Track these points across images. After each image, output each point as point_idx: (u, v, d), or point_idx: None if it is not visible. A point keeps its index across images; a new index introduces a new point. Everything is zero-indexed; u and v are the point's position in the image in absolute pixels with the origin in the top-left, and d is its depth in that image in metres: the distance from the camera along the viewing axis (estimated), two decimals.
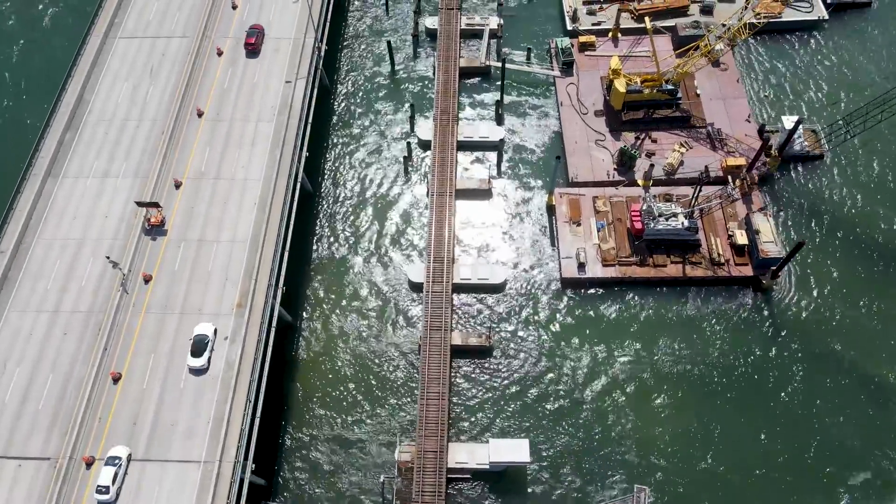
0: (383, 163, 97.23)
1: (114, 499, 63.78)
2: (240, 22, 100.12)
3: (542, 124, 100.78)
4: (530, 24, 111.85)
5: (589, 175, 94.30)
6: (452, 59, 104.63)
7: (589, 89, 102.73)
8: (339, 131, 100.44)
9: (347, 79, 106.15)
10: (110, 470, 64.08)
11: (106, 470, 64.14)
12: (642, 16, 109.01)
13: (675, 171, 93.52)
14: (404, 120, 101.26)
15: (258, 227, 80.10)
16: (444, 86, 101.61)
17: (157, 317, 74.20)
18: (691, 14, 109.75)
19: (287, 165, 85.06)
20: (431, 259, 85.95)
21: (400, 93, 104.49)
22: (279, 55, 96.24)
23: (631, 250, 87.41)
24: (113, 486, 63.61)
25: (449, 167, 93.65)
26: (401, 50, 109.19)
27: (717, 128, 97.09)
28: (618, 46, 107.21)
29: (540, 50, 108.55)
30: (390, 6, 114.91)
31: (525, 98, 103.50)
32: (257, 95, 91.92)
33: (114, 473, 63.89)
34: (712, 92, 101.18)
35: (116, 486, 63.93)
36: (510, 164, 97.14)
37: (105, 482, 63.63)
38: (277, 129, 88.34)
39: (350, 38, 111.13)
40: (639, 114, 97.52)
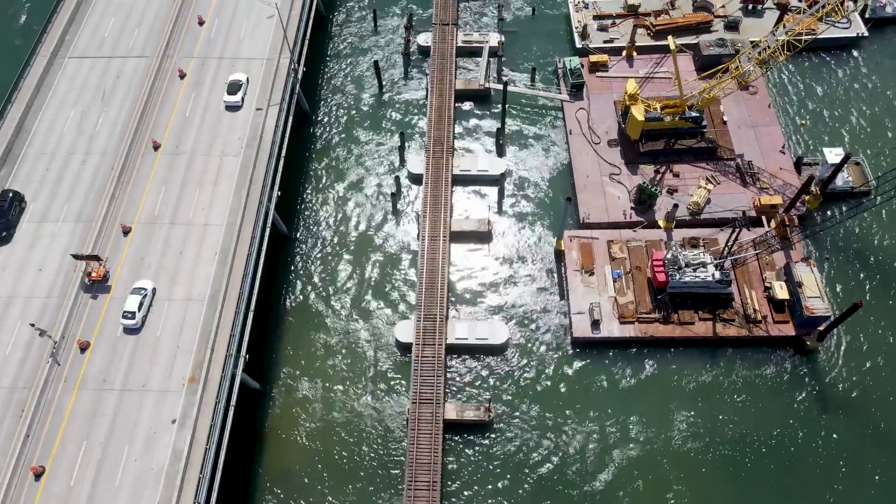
0: (368, 200, 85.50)
1: (139, 324, 65.87)
2: (207, 40, 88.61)
3: (548, 156, 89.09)
4: (535, 42, 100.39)
5: (602, 215, 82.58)
6: (448, 80, 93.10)
7: (601, 115, 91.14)
8: (318, 163, 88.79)
9: (329, 103, 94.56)
10: (136, 298, 66.52)
11: (132, 298, 66.55)
12: (660, 33, 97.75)
13: (701, 211, 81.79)
14: (393, 150, 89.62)
15: (218, 283, 68.24)
16: (438, 112, 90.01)
17: (92, 394, 62.24)
18: (715, 30, 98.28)
19: (254, 208, 73.22)
20: (422, 316, 74.16)
21: (388, 119, 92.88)
22: (251, 77, 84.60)
23: (652, 305, 75.55)
24: (139, 313, 65.86)
25: (443, 206, 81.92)
26: (390, 71, 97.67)
27: (748, 160, 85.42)
28: (633, 67, 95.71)
29: (546, 71, 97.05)
30: (379, 21, 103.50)
31: (529, 125, 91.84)
32: (223, 125, 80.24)
33: (139, 301, 66.31)
34: (741, 119, 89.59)
35: (142, 314, 66.19)
36: (513, 201, 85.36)
37: (131, 308, 65.99)
38: (245, 164, 76.61)
39: (333, 57, 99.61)
40: (658, 144, 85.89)
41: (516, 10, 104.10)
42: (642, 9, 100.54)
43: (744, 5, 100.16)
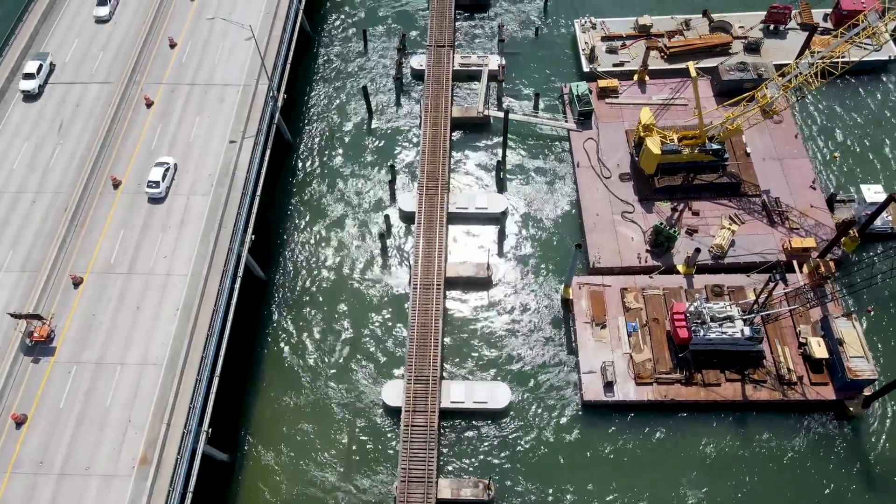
0: (354, 241, 77.10)
1: (164, 194, 68.83)
2: (178, 64, 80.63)
3: (554, 191, 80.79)
4: (538, 65, 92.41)
5: (615, 258, 74.16)
6: (443, 108, 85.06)
7: (612, 146, 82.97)
8: (299, 198, 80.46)
9: (313, 132, 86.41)
10: (159, 169, 69.23)
11: (155, 169, 69.36)
12: (675, 55, 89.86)
13: (724, 254, 73.43)
14: (382, 185, 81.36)
15: (179, 344, 59.68)
16: (432, 142, 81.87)
17: (25, 480, 53.50)
18: (734, 53, 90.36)
19: (224, 255, 64.85)
20: (413, 377, 65.55)
21: (378, 151, 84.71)
22: (224, 107, 76.57)
23: (673, 364, 66.92)
24: (163, 183, 68.61)
25: (437, 249, 73.55)
26: (380, 96, 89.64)
27: (775, 197, 77.14)
28: (646, 92, 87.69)
29: (550, 97, 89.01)
30: (369, 43, 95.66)
31: (533, 157, 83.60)
32: (192, 159, 72.04)
33: (163, 172, 68.95)
34: (765, 150, 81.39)
35: (166, 184, 68.91)
36: (515, 243, 76.94)
37: (155, 178, 68.60)
38: (215, 205, 68.28)
39: (318, 81, 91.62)
40: (676, 179, 77.60)
41: (518, 31, 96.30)
42: (654, 29, 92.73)
43: (765, 26, 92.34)
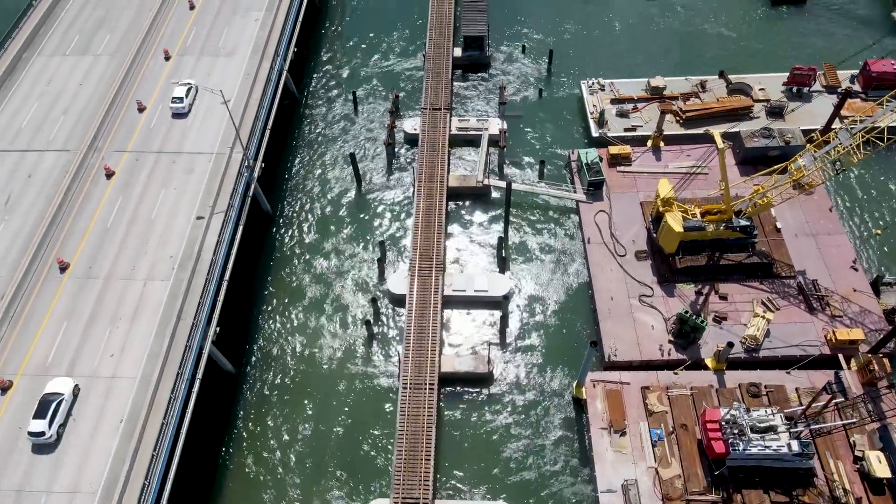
0: (337, 330, 67.88)
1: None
2: (146, 130, 73.12)
3: (562, 271, 72.08)
4: (543, 129, 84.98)
5: (633, 350, 64.90)
6: (439, 176, 77.16)
7: (626, 219, 74.68)
8: (276, 277, 71.72)
9: (294, 203, 78.25)
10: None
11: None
12: (691, 119, 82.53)
13: (759, 346, 64.28)
14: (370, 264, 72.74)
15: (119, 465, 49.80)
16: (427, 216, 73.63)
17: None
18: (756, 117, 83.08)
19: (180, 353, 55.62)
20: (401, 499, 55.40)
21: (366, 224, 76.38)
22: (193, 178, 68.57)
23: (707, 482, 56.80)
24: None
25: (431, 340, 64.36)
26: (370, 164, 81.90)
27: (812, 279, 68.42)
28: (661, 160, 79.99)
29: (557, 164, 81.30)
30: (359, 104, 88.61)
31: (538, 233, 75.17)
32: (153, 239, 63.59)
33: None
34: (797, 225, 73.07)
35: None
36: (519, 331, 67.79)
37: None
38: (175, 292, 59.43)
39: (303, 146, 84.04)
40: (700, 259, 68.99)
41: (520, 93, 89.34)
42: (668, 91, 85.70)
43: (787, 88, 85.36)
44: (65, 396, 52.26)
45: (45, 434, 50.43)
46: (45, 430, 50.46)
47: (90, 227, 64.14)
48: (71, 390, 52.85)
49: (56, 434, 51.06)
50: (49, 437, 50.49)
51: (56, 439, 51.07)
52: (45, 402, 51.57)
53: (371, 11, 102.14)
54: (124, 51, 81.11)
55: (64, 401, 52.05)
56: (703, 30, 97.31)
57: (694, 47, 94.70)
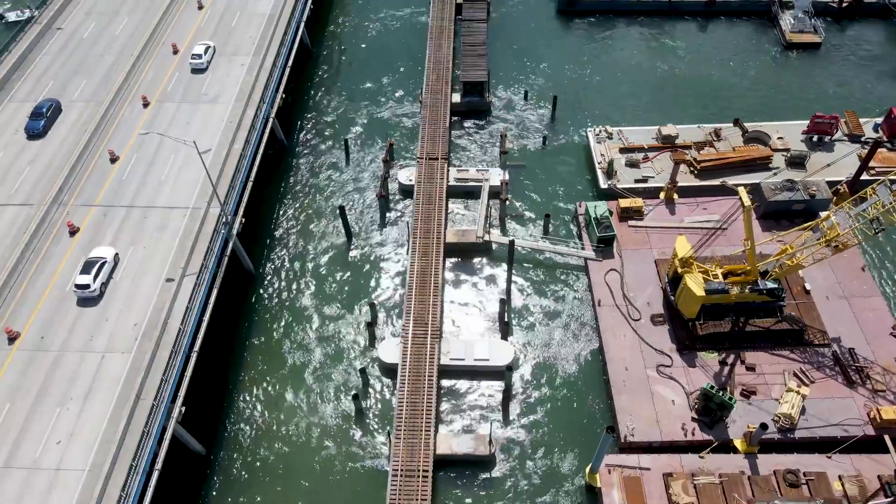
0: (322, 403, 60.80)
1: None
2: (117, 182, 67.29)
3: (571, 337, 65.40)
4: (547, 180, 79.31)
5: (652, 429, 57.76)
6: (435, 231, 71.13)
7: (639, 279, 68.37)
8: (257, 341, 65.03)
9: (278, 260, 72.04)
10: None
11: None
12: (706, 170, 76.98)
13: (795, 426, 57.24)
14: (359, 329, 66.13)
15: None
16: (422, 274, 67.31)
17: None
18: (775, 168, 77.54)
19: (137, 438, 48.57)
20: None
21: (356, 284, 70.04)
22: (165, 235, 62.45)
23: None
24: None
25: (425, 418, 57.29)
26: (361, 217, 75.90)
27: (849, 347, 61.79)
28: (675, 213, 74.12)
29: (563, 218, 75.40)
30: (351, 153, 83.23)
31: (543, 295, 68.65)
32: (116, 304, 57.13)
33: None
34: (828, 286, 66.73)
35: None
36: (523, 407, 60.74)
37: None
38: (136, 366, 52.66)
39: (289, 199, 78.19)
40: (723, 325, 62.41)
41: (523, 141, 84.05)
42: (680, 140, 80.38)
43: (807, 137, 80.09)
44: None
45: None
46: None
47: (46, 292, 57.71)
48: None
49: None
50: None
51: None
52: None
53: (366, 55, 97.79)
54: (100, 98, 75.93)
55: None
56: (711, 76, 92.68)
57: (704, 94, 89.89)
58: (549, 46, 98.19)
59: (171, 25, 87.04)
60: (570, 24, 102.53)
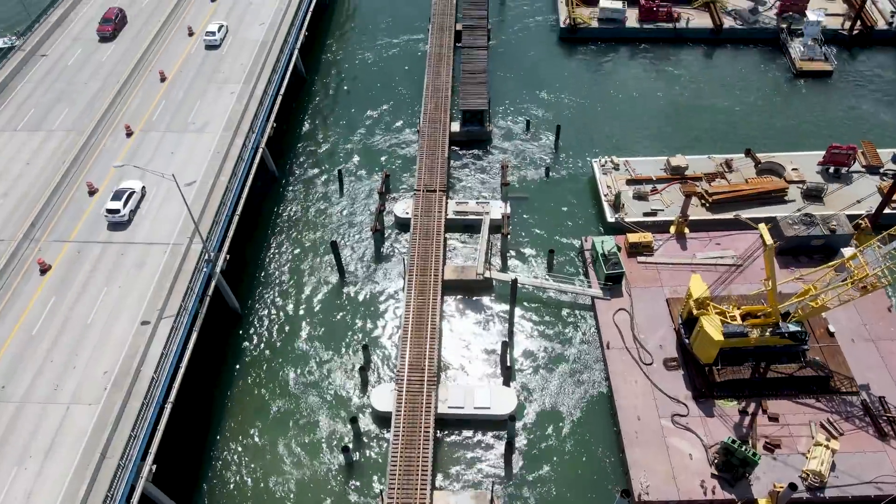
0: (307, 460, 55.75)
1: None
2: (94, 216, 63.32)
3: (579, 382, 60.84)
4: (551, 214, 75.37)
5: (668, 487, 52.87)
6: (433, 268, 66.97)
7: (651, 319, 64.02)
8: (240, 392, 60.38)
9: (266, 299, 67.74)
10: None
11: None
12: (719, 203, 73.16)
13: (824, 484, 52.45)
14: (351, 375, 61.58)
15: None
16: (419, 315, 62.92)
17: None
18: (791, 200, 73.72)
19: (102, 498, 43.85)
20: None
21: (348, 326, 65.59)
22: (143, 274, 58.25)
23: None
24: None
25: (420, 472, 52.52)
26: (355, 253, 71.84)
27: (878, 396, 57.19)
28: (687, 248, 70.10)
29: (568, 253, 71.32)
30: (345, 183, 79.49)
31: (548, 337, 64.07)
32: (86, 350, 52.60)
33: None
34: (853, 328, 62.32)
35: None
36: (528, 461, 55.86)
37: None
38: (104, 418, 48.01)
39: (279, 233, 74.14)
40: (743, 371, 57.87)
41: (525, 172, 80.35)
42: (690, 171, 76.69)
43: (823, 168, 76.41)
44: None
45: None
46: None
47: (11, 336, 53.28)
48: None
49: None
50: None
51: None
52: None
53: (362, 83, 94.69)
54: (81, 127, 72.39)
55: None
56: (719, 104, 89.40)
57: (713, 123, 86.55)
58: (551, 74, 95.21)
59: (159, 52, 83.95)
60: (573, 52, 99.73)
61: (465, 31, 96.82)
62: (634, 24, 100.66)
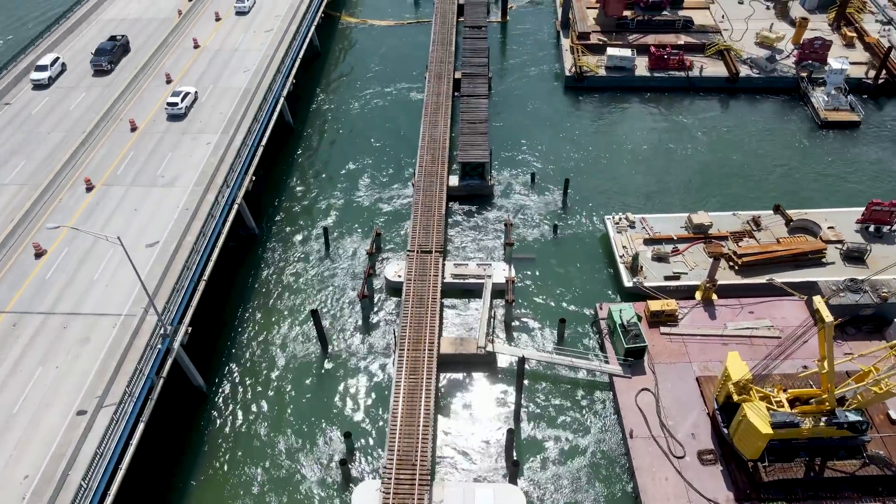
0: None
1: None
2: (38, 282, 54.99)
3: (597, 479, 51.49)
4: (560, 276, 67.25)
5: None
6: (427, 340, 58.42)
7: (680, 402, 55.09)
8: (199, 487, 51.15)
9: (236, 376, 58.87)
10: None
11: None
12: (749, 265, 65.18)
13: None
14: (330, 468, 52.36)
15: None
16: (410, 398, 54.04)
17: None
18: (830, 262, 65.77)
19: None
20: None
21: (329, 408, 56.51)
22: (86, 351, 49.67)
23: None
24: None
25: None
26: (340, 322, 63.41)
27: None
28: (716, 318, 61.78)
29: (581, 323, 62.94)
30: (331, 241, 71.75)
31: (559, 425, 54.84)
32: (6, 448, 43.69)
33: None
34: None
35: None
36: None
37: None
38: None
39: (256, 297, 65.76)
40: (794, 468, 48.66)
41: (530, 229, 72.68)
42: (714, 229, 68.99)
43: (862, 226, 68.79)
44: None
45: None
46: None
47: None
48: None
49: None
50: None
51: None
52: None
53: (353, 133, 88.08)
54: (38, 181, 65.13)
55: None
56: (738, 157, 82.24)
57: (733, 177, 79.33)
58: (557, 125, 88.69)
59: (132, 101, 77.54)
60: (579, 101, 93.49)
61: (464, 79, 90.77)
62: (644, 73, 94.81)
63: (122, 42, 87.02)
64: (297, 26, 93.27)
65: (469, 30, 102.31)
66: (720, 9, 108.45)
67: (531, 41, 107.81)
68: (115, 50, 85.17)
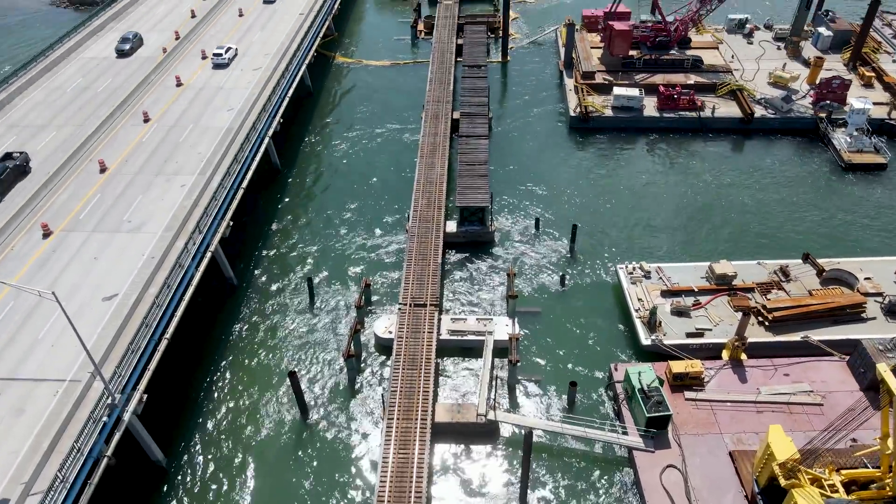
0: None
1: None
2: None
3: None
4: (570, 334, 60.22)
5: None
6: (420, 407, 51.19)
7: (711, 481, 47.56)
8: None
9: (201, 445, 51.25)
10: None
11: None
12: (780, 320, 58.31)
13: None
14: None
15: None
16: (399, 476, 46.57)
17: None
18: (871, 318, 58.96)
19: None
20: None
21: (308, 486, 48.78)
22: (20, 424, 42.48)
23: None
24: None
25: None
26: (321, 385, 56.07)
27: None
28: (747, 381, 54.60)
29: (594, 387, 55.71)
30: (316, 293, 65.02)
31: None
32: None
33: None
34: None
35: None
36: None
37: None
38: None
39: (230, 356, 58.58)
40: None
41: (535, 279, 66.08)
42: (738, 280, 62.44)
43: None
44: None
45: None
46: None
47: None
48: None
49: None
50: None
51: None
52: None
53: (342, 176, 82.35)
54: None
55: None
56: (758, 201, 76.33)
57: (754, 223, 73.20)
58: (562, 167, 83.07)
59: (104, 141, 71.98)
60: (585, 143, 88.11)
61: (463, 119, 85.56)
62: (653, 113, 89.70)
63: (21, 161, 66.13)
64: (287, 65, 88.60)
65: (468, 69, 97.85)
66: (729, 49, 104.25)
67: (533, 81, 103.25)
68: (5, 174, 63.48)
